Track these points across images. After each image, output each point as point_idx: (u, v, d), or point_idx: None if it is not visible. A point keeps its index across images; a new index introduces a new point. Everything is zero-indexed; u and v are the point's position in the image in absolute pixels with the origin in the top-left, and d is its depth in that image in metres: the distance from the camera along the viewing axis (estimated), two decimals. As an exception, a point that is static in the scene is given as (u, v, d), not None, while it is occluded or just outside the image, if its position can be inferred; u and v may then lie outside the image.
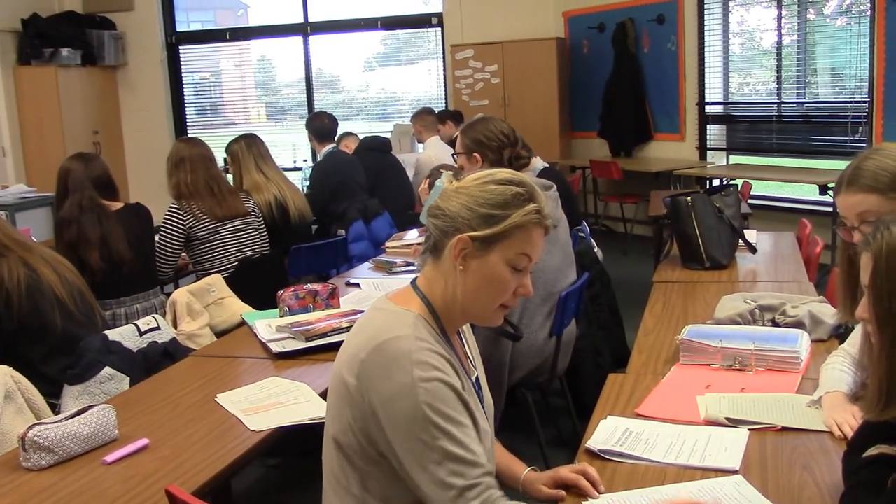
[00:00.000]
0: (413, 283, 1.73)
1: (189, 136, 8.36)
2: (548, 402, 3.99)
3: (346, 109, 10.52)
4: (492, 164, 3.22)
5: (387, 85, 10.76)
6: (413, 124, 7.39)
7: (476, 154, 3.31)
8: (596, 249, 4.38)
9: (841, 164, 2.16)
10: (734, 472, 1.83)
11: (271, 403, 2.41)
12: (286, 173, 5.01)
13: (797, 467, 1.85)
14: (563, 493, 1.79)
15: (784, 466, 1.86)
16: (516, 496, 1.84)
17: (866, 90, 6.90)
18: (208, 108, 11.04)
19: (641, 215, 8.29)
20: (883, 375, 1.45)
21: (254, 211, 4.39)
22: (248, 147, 4.68)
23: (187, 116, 10.63)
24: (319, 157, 5.85)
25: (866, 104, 6.90)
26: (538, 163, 4.78)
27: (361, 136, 6.88)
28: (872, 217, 2.01)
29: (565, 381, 3.62)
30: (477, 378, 1.79)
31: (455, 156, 3.55)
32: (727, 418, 2.08)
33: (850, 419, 1.96)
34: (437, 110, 7.77)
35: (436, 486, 1.53)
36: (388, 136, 7.22)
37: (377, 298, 1.76)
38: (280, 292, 3.27)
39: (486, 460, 1.60)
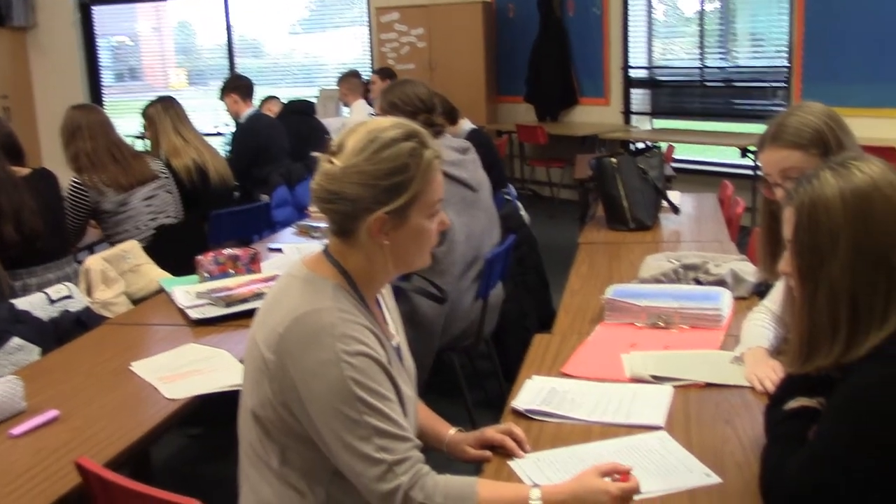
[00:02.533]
0: (325, 250, 1.66)
1: (83, 102, 7.99)
2: (474, 365, 3.98)
3: (270, 75, 10.29)
4: None
5: (312, 50, 10.54)
6: (339, 87, 7.26)
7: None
8: (522, 212, 4.37)
9: (762, 128, 2.18)
10: (659, 429, 1.83)
11: (189, 371, 2.33)
12: (208, 139, 4.85)
13: (720, 422, 1.86)
14: (488, 453, 1.76)
15: (707, 421, 1.87)
16: (442, 457, 1.82)
17: (786, 55, 7.02)
18: (126, 73, 10.69)
19: (567, 180, 8.33)
20: (804, 328, 1.45)
21: (163, 173, 4.21)
22: (165, 109, 4.51)
23: (103, 81, 10.27)
24: (241, 121, 5.69)
25: (786, 69, 7.02)
26: (466, 124, 4.76)
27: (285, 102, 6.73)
28: (795, 173, 2.02)
29: (492, 344, 3.61)
30: (398, 344, 1.75)
31: (376, 116, 3.49)
32: (652, 376, 2.08)
33: (771, 374, 1.98)
34: (376, 69, 7.61)
35: (364, 462, 1.48)
36: (314, 101, 7.08)
37: (291, 264, 1.69)
38: (199, 257, 3.17)
39: (413, 434, 1.56)
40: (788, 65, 6.98)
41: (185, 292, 2.98)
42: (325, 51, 10.31)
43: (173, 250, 3.78)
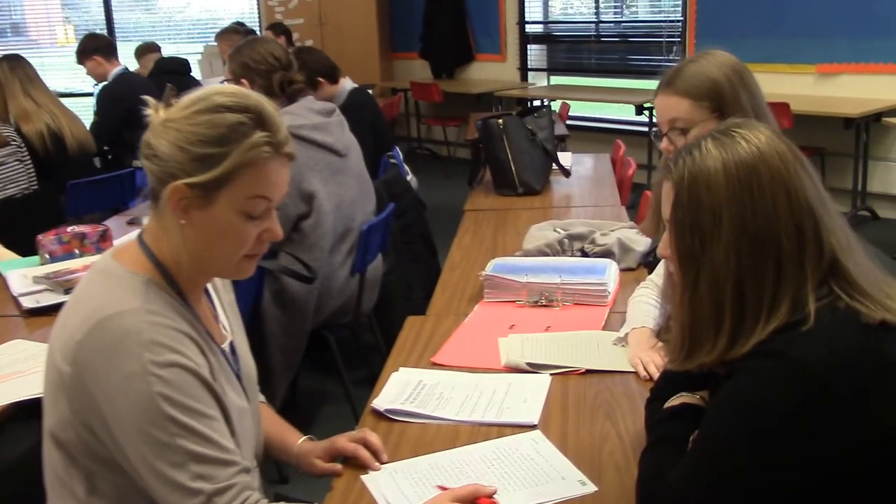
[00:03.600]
0: (140, 237, 1.40)
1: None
2: (359, 340, 3.77)
3: (164, 30, 9.72)
4: (261, 90, 2.88)
5: (206, 4, 10.01)
6: (219, 44, 6.83)
7: (243, 80, 2.94)
8: (409, 177, 4.15)
9: (656, 84, 1.99)
10: (533, 427, 1.65)
11: (9, 373, 2.03)
12: (84, 99, 4.44)
13: (600, 416, 1.69)
14: (339, 467, 1.55)
15: (586, 416, 1.70)
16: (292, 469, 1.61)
17: (680, 9, 6.94)
18: (8, 28, 9.95)
19: (463, 139, 8.13)
20: (686, 321, 1.27)
21: (14, 140, 3.82)
22: (13, 69, 4.10)
23: (-21, 38, 9.54)
24: (109, 81, 5.26)
25: (680, 23, 6.94)
26: (347, 83, 4.48)
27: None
28: (681, 125, 1.88)
29: (374, 318, 3.40)
30: (231, 344, 1.50)
31: (224, 83, 3.18)
32: (528, 363, 1.89)
33: (655, 358, 1.83)
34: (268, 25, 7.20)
35: (177, 493, 1.25)
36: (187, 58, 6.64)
37: (101, 256, 1.43)
38: (40, 237, 2.84)
39: (240, 456, 1.33)
40: (682, 18, 6.90)
41: (22, 276, 2.65)
42: (218, 4, 9.80)
43: (25, 226, 3.41)
